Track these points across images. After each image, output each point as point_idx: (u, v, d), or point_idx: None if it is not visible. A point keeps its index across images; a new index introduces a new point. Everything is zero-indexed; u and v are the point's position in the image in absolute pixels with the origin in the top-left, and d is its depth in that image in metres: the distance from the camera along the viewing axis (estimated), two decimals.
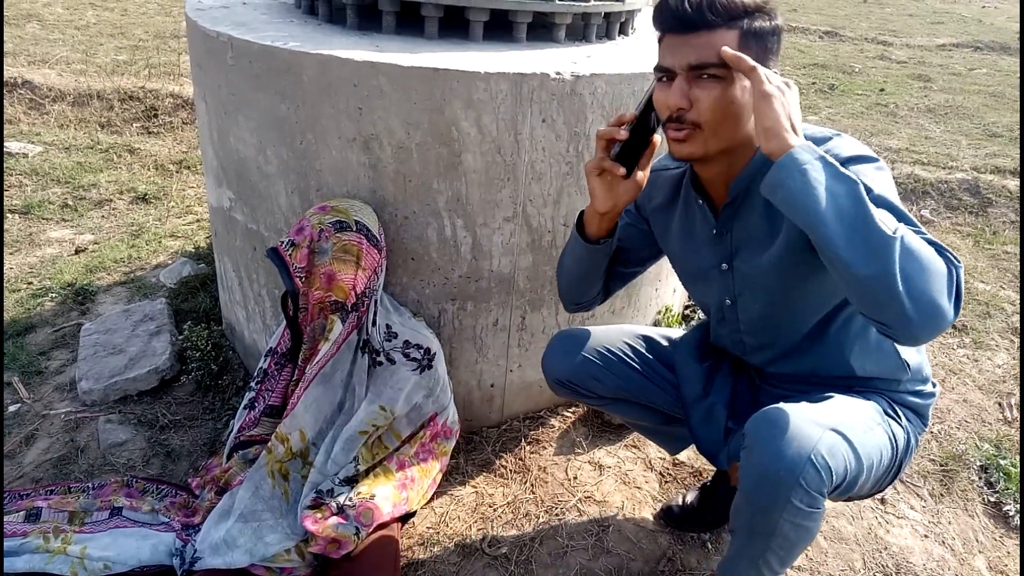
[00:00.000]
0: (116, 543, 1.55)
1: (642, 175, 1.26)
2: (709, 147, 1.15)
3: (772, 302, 1.30)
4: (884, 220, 0.99)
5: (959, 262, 1.01)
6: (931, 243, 1.01)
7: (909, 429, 1.34)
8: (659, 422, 1.62)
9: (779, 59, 1.16)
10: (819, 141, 1.16)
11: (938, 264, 0.98)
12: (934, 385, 1.40)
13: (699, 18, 1.08)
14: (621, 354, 1.54)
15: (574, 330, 1.58)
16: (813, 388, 1.35)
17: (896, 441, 1.29)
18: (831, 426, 1.15)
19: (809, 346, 1.35)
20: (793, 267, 1.23)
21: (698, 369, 1.51)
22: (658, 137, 1.23)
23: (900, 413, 1.33)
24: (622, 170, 1.22)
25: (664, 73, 1.14)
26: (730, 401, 1.49)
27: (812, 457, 1.09)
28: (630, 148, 1.22)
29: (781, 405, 1.18)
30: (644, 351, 1.56)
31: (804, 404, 1.20)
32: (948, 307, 0.97)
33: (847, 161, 1.11)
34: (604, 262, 1.43)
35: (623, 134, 1.20)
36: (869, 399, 1.32)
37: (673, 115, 1.13)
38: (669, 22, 1.12)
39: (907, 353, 1.33)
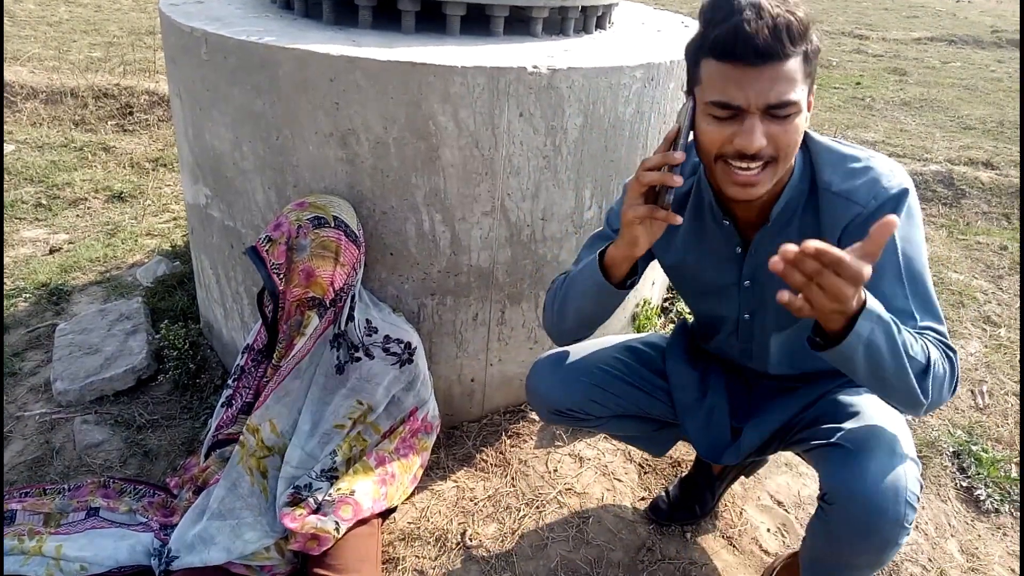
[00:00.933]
0: (93, 544, 1.53)
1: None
2: (776, 179, 1.09)
3: (791, 320, 1.29)
4: (916, 357, 1.03)
5: (955, 352, 1.11)
6: (941, 343, 1.10)
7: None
8: (651, 430, 1.60)
9: None
10: (852, 160, 1.15)
11: (948, 375, 1.08)
12: None
13: (778, 49, 0.97)
14: (615, 371, 1.48)
15: (557, 354, 1.51)
16: (809, 380, 1.38)
17: None
18: (903, 453, 1.15)
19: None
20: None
21: (692, 374, 1.49)
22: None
23: None
24: (679, 218, 1.10)
25: (730, 110, 1.02)
26: (728, 400, 1.48)
27: (908, 499, 1.11)
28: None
29: (847, 446, 1.16)
30: (634, 363, 1.51)
31: (864, 436, 1.18)
32: (949, 398, 1.11)
33: (890, 203, 1.11)
34: (621, 303, 1.33)
35: (678, 180, 1.05)
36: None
37: (751, 154, 1.03)
38: (739, 52, 0.98)
39: None
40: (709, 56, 1.02)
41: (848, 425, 1.22)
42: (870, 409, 1.27)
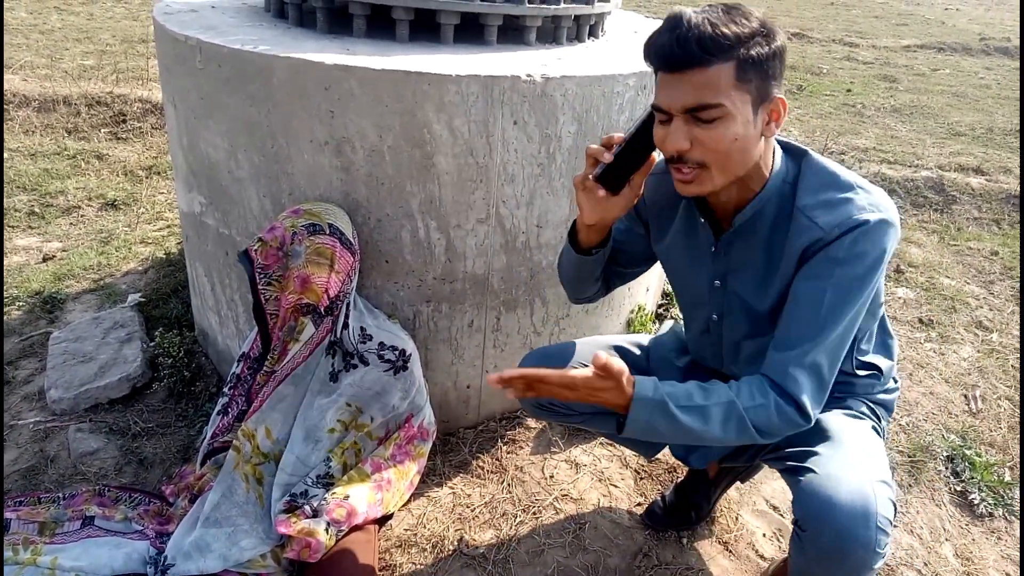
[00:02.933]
0: (88, 553, 1.53)
1: (630, 194, 1.22)
2: (717, 183, 1.12)
3: (758, 330, 1.31)
4: (709, 417, 1.15)
5: (793, 418, 1.15)
6: (775, 386, 1.16)
7: (884, 425, 1.40)
8: None
9: (782, 80, 1.12)
10: (838, 188, 1.15)
11: (771, 416, 1.15)
12: (896, 380, 1.45)
13: (690, 56, 1.02)
14: None
15: (545, 350, 1.55)
16: None
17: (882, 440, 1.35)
18: (876, 477, 1.15)
19: None
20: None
21: (673, 373, 1.52)
22: (656, 155, 1.20)
23: (877, 413, 1.39)
24: (602, 192, 1.19)
25: (663, 113, 1.09)
26: None
27: (878, 524, 1.10)
28: (618, 169, 1.18)
29: (820, 473, 1.17)
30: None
31: (835, 459, 1.20)
32: (787, 430, 1.17)
33: (851, 231, 1.11)
34: (597, 269, 1.41)
35: (607, 157, 1.17)
36: (854, 408, 1.36)
37: (675, 156, 1.10)
38: (659, 61, 1.06)
39: (879, 360, 1.37)
40: (649, 67, 1.12)
41: (820, 448, 1.24)
42: (843, 431, 1.28)
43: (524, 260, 1.86)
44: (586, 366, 1.50)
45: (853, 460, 1.20)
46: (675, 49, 1.03)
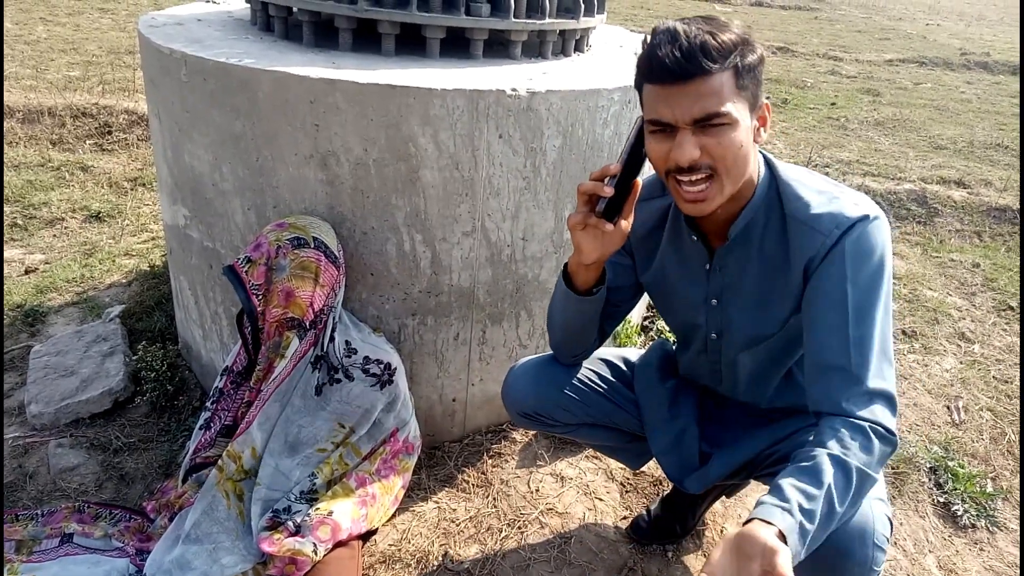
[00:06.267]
0: (66, 571, 1.50)
1: (626, 223, 1.19)
2: (726, 192, 1.11)
3: (756, 341, 1.31)
4: (843, 498, 1.01)
5: (885, 427, 1.07)
6: (868, 424, 1.06)
7: None
8: (624, 441, 1.62)
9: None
10: (819, 191, 1.16)
11: (875, 461, 1.05)
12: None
13: (695, 67, 1.02)
14: (587, 380, 1.51)
15: (533, 360, 1.55)
16: (781, 413, 1.38)
17: None
18: (872, 495, 1.13)
19: (785, 384, 1.38)
20: (784, 343, 1.27)
21: (662, 393, 1.51)
22: (640, 180, 1.18)
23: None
24: (609, 227, 1.16)
25: (662, 127, 1.08)
26: (699, 423, 1.49)
27: (875, 542, 1.10)
28: (618, 199, 1.16)
29: None
30: (608, 375, 1.54)
31: None
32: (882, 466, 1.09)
33: (852, 229, 1.10)
34: (598, 310, 1.37)
35: (608, 191, 1.13)
36: None
37: (682, 167, 1.08)
38: (662, 73, 1.04)
39: None
40: (644, 80, 1.09)
41: None
42: None
43: (510, 273, 1.86)
44: (579, 379, 1.51)
45: None
46: (680, 60, 1.02)
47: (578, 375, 1.51)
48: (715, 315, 1.33)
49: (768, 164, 1.22)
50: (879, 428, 1.06)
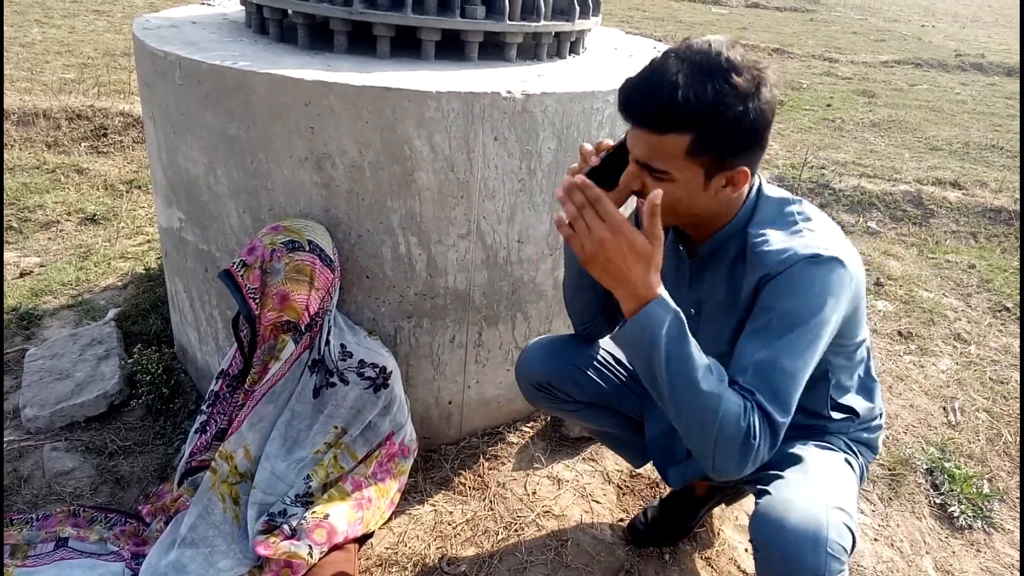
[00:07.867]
0: (61, 575, 1.50)
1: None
2: (667, 223, 1.14)
3: (722, 363, 1.32)
4: (703, 377, 1.06)
5: (771, 420, 1.07)
6: (754, 402, 1.07)
7: (863, 462, 1.40)
8: (629, 430, 1.64)
9: (763, 150, 1.13)
10: (786, 226, 1.18)
11: (753, 429, 1.05)
12: (882, 417, 1.45)
13: (649, 122, 1.07)
14: (601, 358, 1.57)
15: (552, 336, 1.61)
16: None
17: (859, 477, 1.35)
18: (831, 503, 1.15)
19: None
20: None
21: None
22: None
23: (856, 449, 1.39)
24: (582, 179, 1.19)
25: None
26: None
27: (829, 550, 1.09)
28: (606, 172, 1.16)
29: (775, 495, 1.17)
30: (623, 359, 1.59)
31: (793, 483, 1.20)
32: (758, 458, 1.07)
33: (796, 266, 1.11)
34: (597, 286, 1.39)
35: (595, 160, 1.17)
36: (830, 443, 1.36)
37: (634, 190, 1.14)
38: (625, 107, 1.10)
39: (855, 402, 1.38)
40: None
41: (786, 473, 1.24)
42: (811, 460, 1.28)
43: (505, 275, 1.86)
44: (592, 356, 1.55)
45: (812, 485, 1.20)
46: (637, 107, 1.07)
47: (592, 352, 1.57)
48: (693, 324, 1.35)
49: (759, 194, 1.24)
50: (753, 401, 1.08)
